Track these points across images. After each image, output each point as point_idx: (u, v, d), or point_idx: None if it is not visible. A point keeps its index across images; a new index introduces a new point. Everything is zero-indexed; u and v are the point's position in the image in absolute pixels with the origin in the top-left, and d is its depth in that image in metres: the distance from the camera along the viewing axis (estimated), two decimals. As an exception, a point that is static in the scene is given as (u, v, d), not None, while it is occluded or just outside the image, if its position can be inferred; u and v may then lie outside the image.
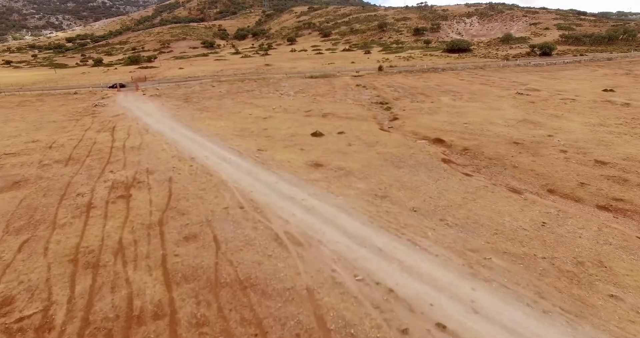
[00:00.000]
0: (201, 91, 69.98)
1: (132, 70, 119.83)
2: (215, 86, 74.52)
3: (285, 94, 63.70)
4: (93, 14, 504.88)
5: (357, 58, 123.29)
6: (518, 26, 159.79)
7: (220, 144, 36.93)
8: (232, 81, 79.31)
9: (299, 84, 73.03)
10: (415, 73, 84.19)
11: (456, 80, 73.16)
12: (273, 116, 48.90)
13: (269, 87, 70.26)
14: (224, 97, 63.29)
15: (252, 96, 63.37)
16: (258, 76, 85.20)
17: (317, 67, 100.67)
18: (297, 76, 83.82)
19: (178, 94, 67.38)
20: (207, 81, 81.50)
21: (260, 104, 56.68)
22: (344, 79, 77.73)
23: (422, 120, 45.46)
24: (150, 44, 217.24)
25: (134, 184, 27.82)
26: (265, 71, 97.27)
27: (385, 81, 74.41)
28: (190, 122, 46.94)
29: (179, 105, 58.23)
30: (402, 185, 27.12)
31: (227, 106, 56.38)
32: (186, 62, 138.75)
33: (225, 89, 70.00)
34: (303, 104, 55.67)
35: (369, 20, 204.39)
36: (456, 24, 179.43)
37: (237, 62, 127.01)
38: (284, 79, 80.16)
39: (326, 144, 36.59)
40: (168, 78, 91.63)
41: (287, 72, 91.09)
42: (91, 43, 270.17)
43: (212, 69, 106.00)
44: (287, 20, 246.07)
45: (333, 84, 71.66)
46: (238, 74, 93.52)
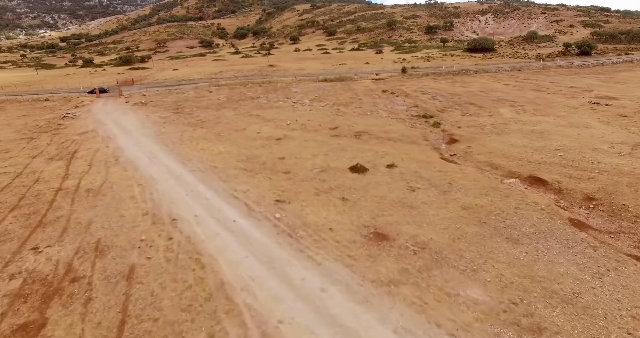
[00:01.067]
0: (196, 98, 57.35)
1: (121, 71, 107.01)
2: (212, 91, 61.91)
3: (300, 102, 51.12)
4: (89, 13, 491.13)
5: (369, 58, 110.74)
6: (538, 24, 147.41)
7: (219, 189, 24.37)
8: (232, 86, 66.68)
9: (313, 89, 60.45)
10: (445, 76, 71.73)
11: (499, 85, 60.75)
12: (289, 135, 36.35)
13: (277, 94, 57.66)
14: (224, 106, 50.71)
15: (258, 105, 50.79)
16: (263, 79, 72.60)
17: (327, 69, 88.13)
18: (307, 79, 71.25)
19: (168, 103, 54.76)
20: (204, 84, 68.89)
21: (269, 116, 44.11)
22: (365, 83, 65.21)
23: (492, 144, 32.99)
24: (146, 43, 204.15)
25: (63, 286, 15.30)
26: (269, 72, 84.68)
27: (414, 85, 61.92)
28: (178, 145, 34.34)
29: (167, 117, 45.64)
30: (548, 291, 14.65)
31: (228, 119, 43.83)
32: (182, 62, 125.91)
33: (224, 96, 57.40)
34: (325, 117, 43.10)
35: (375, 18, 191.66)
36: (470, 22, 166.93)
37: (237, 62, 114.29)
38: (293, 82, 67.56)
39: (377, 189, 24.12)
40: (159, 81, 78.90)
41: (295, 75, 78.54)
42: (85, 43, 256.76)
43: (209, 70, 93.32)
44: (289, 19, 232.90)
45: (354, 90, 59.12)
46: (239, 76, 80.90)
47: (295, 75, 78.44)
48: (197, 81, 74.79)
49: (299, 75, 77.90)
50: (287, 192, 23.69)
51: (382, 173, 26.91)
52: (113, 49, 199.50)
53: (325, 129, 38.09)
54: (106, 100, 59.40)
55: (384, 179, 25.69)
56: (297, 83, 66.49)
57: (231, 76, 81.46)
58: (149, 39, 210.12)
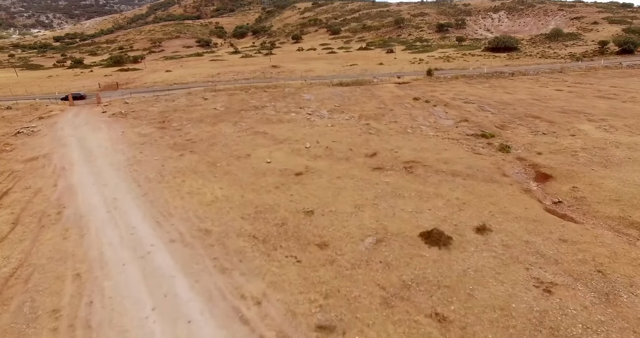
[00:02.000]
0: (188, 107, 46.77)
1: (109, 73, 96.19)
2: (208, 98, 51.34)
3: (317, 114, 40.56)
4: (85, 12, 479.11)
5: (381, 58, 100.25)
6: (556, 21, 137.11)
7: (214, 293, 13.71)
8: (232, 91, 56.09)
9: (329, 95, 49.96)
10: (478, 79, 61.31)
11: (549, 90, 50.38)
12: (312, 167, 25.84)
13: (286, 101, 47.15)
14: (221, 119, 40.18)
15: (265, 117, 40.27)
16: (267, 83, 61.98)
17: (338, 70, 77.64)
18: (319, 82, 60.68)
19: (153, 113, 44.19)
20: (198, 89, 58.29)
21: (281, 135, 33.60)
22: (388, 88, 54.74)
23: (608, 183, 22.52)
24: (140, 42, 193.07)
25: None
26: (274, 75, 74.09)
27: (448, 91, 51.52)
28: (156, 184, 23.77)
29: (149, 135, 35.09)
30: None
31: (227, 138, 33.32)
32: (176, 63, 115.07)
33: (222, 105, 46.87)
34: (354, 136, 32.57)
35: (381, 16, 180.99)
36: (482, 20, 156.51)
37: (237, 63, 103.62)
38: (304, 87, 56.97)
39: (483, 287, 13.65)
40: (148, 85, 68.22)
41: (303, 77, 68.02)
42: (78, 42, 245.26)
43: (206, 72, 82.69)
44: (290, 17, 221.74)
45: (378, 97, 48.65)
46: (239, 79, 70.28)
47: (303, 78, 67.88)
48: (191, 85, 64.17)
49: (307, 78, 67.34)
50: (332, 299, 13.17)
51: (475, 245, 16.45)
52: (106, 48, 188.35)
53: (359, 157, 27.59)
54: (80, 109, 48.74)
55: (484, 261, 15.24)
56: (308, 88, 55.90)
57: (230, 79, 70.84)
58: (143, 38, 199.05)
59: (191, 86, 62.63)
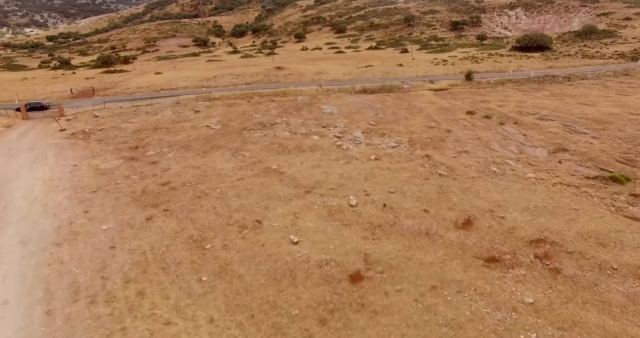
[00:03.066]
0: (173, 123, 35.23)
1: (93, 75, 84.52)
2: (200, 110, 39.80)
3: (348, 136, 29.00)
4: (81, 11, 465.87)
5: (398, 59, 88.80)
6: (580, 18, 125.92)
7: None
8: (230, 100, 44.53)
9: (355, 106, 38.49)
10: (529, 85, 49.91)
11: (638, 99, 39.17)
12: (373, 257, 14.32)
13: (302, 116, 35.65)
14: (216, 145, 28.66)
15: (277, 142, 28.73)
16: (273, 88, 50.41)
17: (353, 73, 66.22)
18: (336, 88, 49.13)
19: (125, 133, 32.65)
20: (190, 97, 46.73)
21: (305, 177, 22.08)
22: (426, 96, 43.33)
23: None
24: (134, 42, 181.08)
25: None
26: (280, 78, 62.48)
27: (505, 101, 40.14)
28: (82, 312, 12.31)
29: (109, 174, 23.58)
30: None
31: (223, 182, 21.83)
32: (170, 64, 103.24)
33: (218, 120, 35.36)
34: (419, 181, 20.97)
35: (388, 13, 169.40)
36: (497, 17, 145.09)
37: (236, 63, 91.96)
38: (319, 95, 45.42)
39: None
40: (130, 91, 56.58)
41: (316, 82, 56.53)
42: (70, 42, 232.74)
43: (201, 74, 71.09)
44: (292, 15, 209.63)
45: (420, 110, 37.18)
46: (240, 83, 58.67)
47: (316, 82, 56.41)
48: (182, 91, 52.59)
49: (321, 82, 55.86)
50: None
51: None
52: (98, 48, 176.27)
53: (446, 228, 16.15)
54: (33, 125, 37.09)
55: None
56: (326, 96, 44.33)
57: (228, 83, 59.24)
58: (138, 37, 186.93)
59: (181, 93, 51.07)
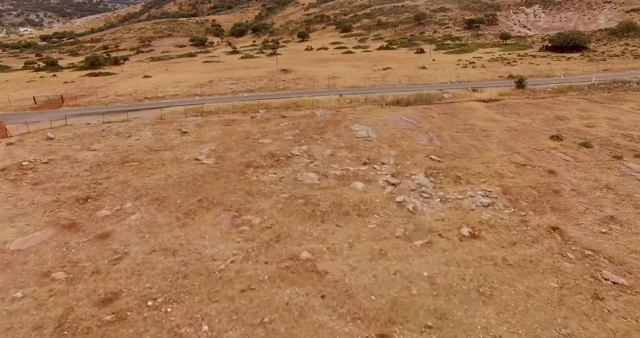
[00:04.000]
0: (149, 151, 25.16)
1: (73, 79, 74.36)
2: (189, 130, 29.74)
3: (408, 184, 18.97)
4: (78, 11, 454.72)
5: (416, 60, 78.81)
6: (606, 15, 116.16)
7: None
8: (229, 114, 34.41)
9: (395, 127, 28.47)
10: (597, 93, 40.03)
11: None
12: None
13: (328, 143, 25.60)
14: (205, 199, 18.57)
15: (300, 192, 18.63)
16: (281, 97, 40.28)
17: (373, 77, 56.19)
18: (359, 97, 39.08)
19: (78, 170, 22.61)
20: (177, 109, 36.63)
21: (359, 274, 12.12)
22: (479, 111, 33.33)
23: None
24: (129, 41, 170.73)
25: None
26: (287, 83, 52.39)
27: (589, 119, 30.23)
28: None
29: (14, 267, 13.59)
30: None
31: (217, 292, 11.86)
32: (162, 65, 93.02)
33: (211, 148, 25.27)
34: (600, 318, 11.14)
35: (396, 11, 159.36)
36: (514, 15, 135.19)
37: (235, 65, 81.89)
38: (342, 107, 35.34)
39: None
40: (109, 100, 46.41)
41: (331, 88, 46.52)
42: (62, 41, 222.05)
43: (195, 78, 60.97)
44: (293, 14, 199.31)
45: (484, 132, 27.23)
46: (240, 90, 48.56)
47: (331, 88, 46.38)
48: (170, 101, 42.50)
49: (337, 89, 45.84)
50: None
51: None
52: (89, 48, 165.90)
53: None
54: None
55: None
56: (350, 109, 34.23)
57: (227, 90, 49.12)
58: (132, 37, 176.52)
59: (169, 103, 41.01)
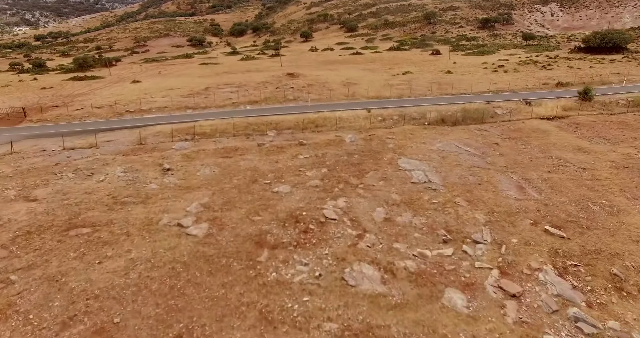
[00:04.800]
0: (112, 206, 16.92)
1: (55, 83, 65.96)
2: (174, 167, 21.41)
3: (540, 298, 10.89)
4: (75, 10, 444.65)
5: (434, 63, 70.66)
6: (632, 13, 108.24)
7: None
8: (228, 137, 26.11)
9: (462, 166, 20.21)
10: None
11: None
12: None
13: (374, 195, 17.36)
14: (193, 329, 10.30)
15: (363, 327, 10.41)
16: (293, 111, 32.10)
17: (393, 84, 47.99)
18: (392, 113, 30.93)
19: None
20: (163, 129, 28.34)
21: None
22: (554, 134, 25.15)
23: None
24: (123, 42, 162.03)
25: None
26: (298, 92, 44.11)
27: None
28: None
29: None
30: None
31: None
32: (156, 68, 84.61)
33: (203, 203, 17.00)
34: None
35: (403, 10, 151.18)
36: (529, 14, 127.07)
37: (235, 68, 73.64)
38: (375, 129, 27.12)
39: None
40: (80, 115, 37.96)
41: (352, 99, 38.31)
42: (52, 42, 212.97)
43: (190, 84, 52.66)
44: (295, 13, 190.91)
45: (592, 174, 19.09)
46: (241, 101, 40.22)
47: (350, 98, 38.16)
48: (156, 115, 34.18)
49: (359, 100, 37.59)
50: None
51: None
52: (82, 48, 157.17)
53: None
54: None
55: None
56: (386, 130, 25.99)
57: (225, 100, 40.74)
58: (127, 37, 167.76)
59: (153, 120, 32.75)
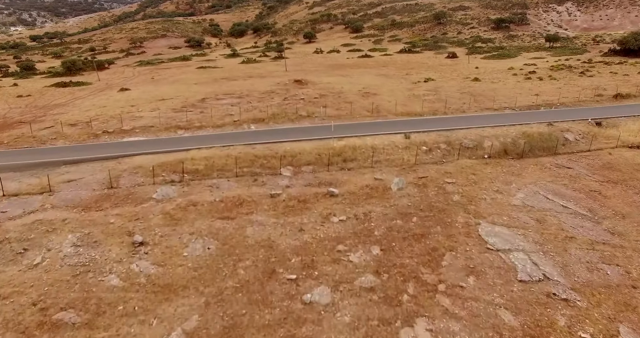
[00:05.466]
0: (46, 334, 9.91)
1: (33, 91, 58.87)
2: (148, 240, 14.50)
3: None
4: (73, 10, 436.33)
5: (453, 68, 63.71)
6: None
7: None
8: (229, 183, 19.14)
9: (577, 239, 13.23)
10: None
11: None
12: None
13: (473, 315, 10.46)
14: None
15: None
16: (307, 135, 25.22)
17: (419, 94, 41.06)
18: (437, 138, 24.13)
19: None
20: (144, 163, 21.42)
21: None
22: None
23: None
24: (119, 42, 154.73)
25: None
26: (309, 106, 37.07)
27: None
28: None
29: None
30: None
31: None
32: (149, 72, 77.45)
33: (195, 327, 9.90)
34: None
35: (410, 10, 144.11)
36: (544, 14, 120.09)
37: (236, 72, 66.63)
38: (426, 166, 20.24)
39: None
40: (45, 138, 30.83)
41: (377, 117, 31.38)
42: (44, 43, 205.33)
43: (184, 94, 45.64)
44: (297, 12, 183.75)
45: None
46: (244, 119, 33.12)
47: (375, 114, 31.20)
48: (140, 138, 27.19)
49: (386, 118, 30.63)
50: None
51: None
52: (76, 49, 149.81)
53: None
54: None
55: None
56: (441, 170, 19.16)
57: (224, 116, 33.58)
58: (123, 37, 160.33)
59: (135, 144, 25.79)
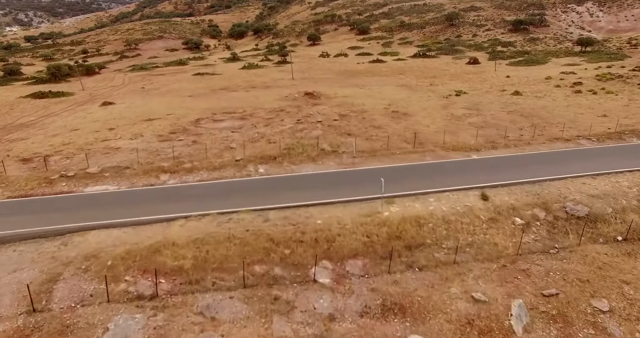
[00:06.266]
0: None
1: (6, 103, 50.91)
2: None
3: None
4: (70, 11, 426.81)
5: (481, 77, 55.88)
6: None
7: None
8: (233, 304, 11.53)
9: None
10: None
11: None
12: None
13: None
14: None
15: None
16: (342, 196, 17.51)
17: (456, 114, 33.40)
18: (528, 199, 16.60)
19: None
20: (99, 252, 13.80)
21: None
22: None
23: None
24: (113, 44, 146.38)
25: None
26: (328, 132, 29.34)
27: None
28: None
29: None
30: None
31: None
32: (142, 79, 69.36)
33: None
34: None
35: (419, 11, 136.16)
36: (563, 14, 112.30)
37: (236, 81, 58.68)
38: (541, 264, 12.63)
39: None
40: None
41: (424, 153, 23.75)
42: (35, 44, 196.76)
43: (176, 111, 37.73)
44: (299, 13, 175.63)
45: None
46: (249, 156, 25.18)
47: (417, 148, 23.52)
48: (108, 189, 19.22)
49: (430, 151, 22.96)
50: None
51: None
52: (68, 52, 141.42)
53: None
54: None
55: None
56: (588, 293, 11.55)
57: (223, 150, 25.64)
58: (118, 39, 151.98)
59: (104, 195, 18.05)
